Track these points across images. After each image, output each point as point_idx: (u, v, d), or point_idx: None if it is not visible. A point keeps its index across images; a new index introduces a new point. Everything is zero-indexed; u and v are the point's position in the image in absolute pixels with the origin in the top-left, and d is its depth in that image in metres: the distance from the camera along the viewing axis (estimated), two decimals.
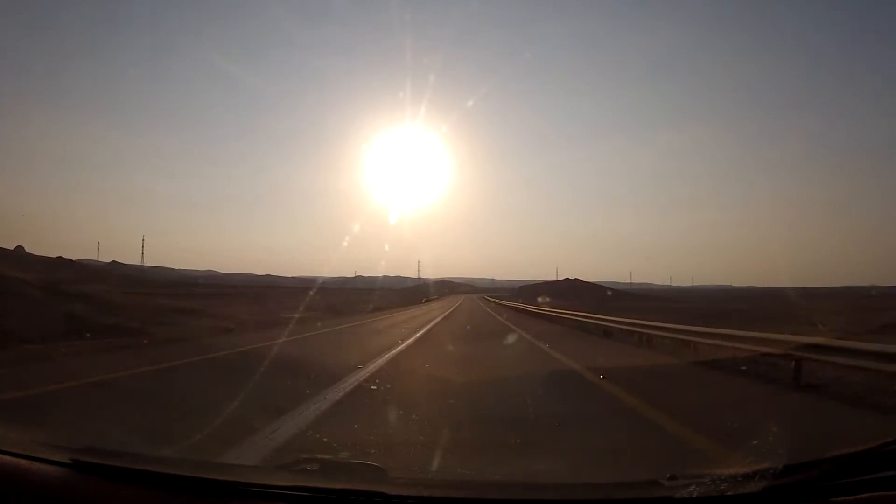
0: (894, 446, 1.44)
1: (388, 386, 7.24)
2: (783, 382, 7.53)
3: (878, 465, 1.45)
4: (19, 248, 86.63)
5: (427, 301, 72.27)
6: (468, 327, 21.81)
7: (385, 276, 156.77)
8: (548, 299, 46.45)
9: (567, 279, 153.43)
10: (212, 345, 12.76)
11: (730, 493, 1.47)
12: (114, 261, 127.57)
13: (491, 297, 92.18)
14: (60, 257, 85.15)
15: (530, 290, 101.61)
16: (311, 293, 34.16)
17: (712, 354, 9.76)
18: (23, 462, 1.68)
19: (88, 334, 12.96)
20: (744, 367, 8.66)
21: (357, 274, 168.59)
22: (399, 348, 12.29)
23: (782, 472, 1.48)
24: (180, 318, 20.85)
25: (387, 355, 10.64)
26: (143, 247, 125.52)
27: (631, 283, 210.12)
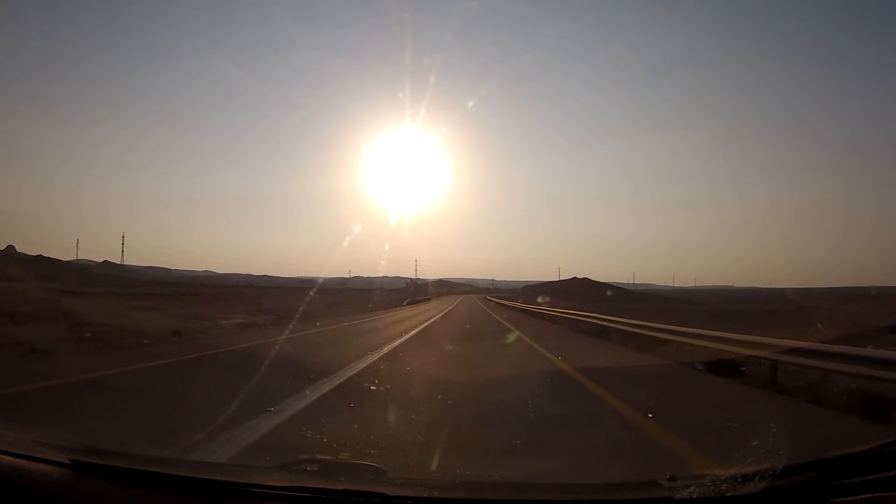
0: (894, 447, 1.43)
1: None
2: None
3: (878, 465, 1.44)
4: (10, 247, 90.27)
5: (412, 303, 56.58)
6: (467, 326, 21.61)
7: (384, 277, 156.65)
8: (548, 299, 46.18)
9: (575, 278, 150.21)
10: None
11: (729, 494, 1.46)
12: (105, 260, 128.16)
13: (493, 296, 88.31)
14: (40, 255, 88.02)
15: (534, 290, 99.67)
16: (302, 293, 32.38)
17: (805, 383, 7.00)
18: (22, 462, 1.67)
19: None
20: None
21: (355, 274, 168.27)
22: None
23: (782, 473, 1.47)
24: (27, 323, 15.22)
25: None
26: (122, 245, 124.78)
27: (634, 284, 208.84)
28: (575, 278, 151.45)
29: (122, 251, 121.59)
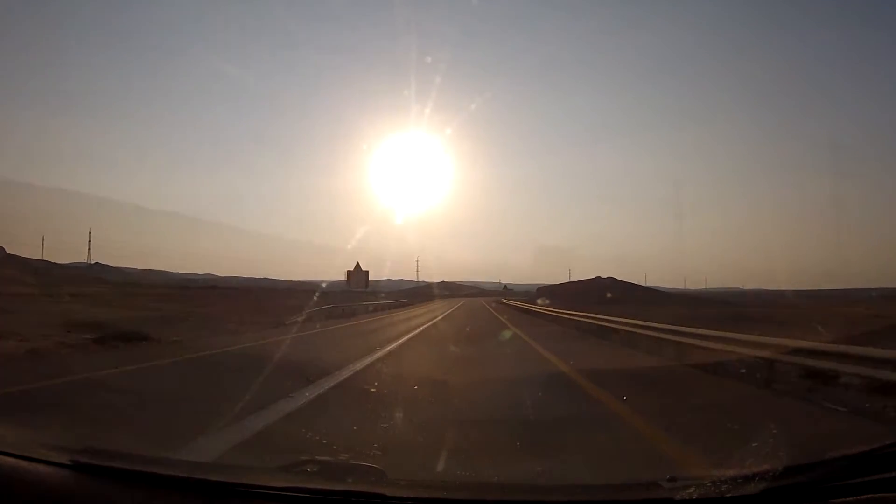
0: (894, 448, 1.43)
1: None
2: None
3: (879, 466, 1.44)
4: (1, 248, 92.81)
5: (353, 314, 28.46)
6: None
7: (388, 280, 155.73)
8: (547, 301, 45.65)
9: (598, 278, 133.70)
10: None
11: (729, 495, 1.46)
12: (96, 262, 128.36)
13: (513, 299, 67.12)
14: (9, 254, 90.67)
15: (549, 292, 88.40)
16: (260, 295, 29.16)
17: None
18: (22, 463, 1.68)
19: None
20: None
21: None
22: None
23: (782, 474, 1.47)
24: None
25: None
26: (89, 242, 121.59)
27: (646, 286, 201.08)
28: (598, 278, 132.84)
29: (89, 249, 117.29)
